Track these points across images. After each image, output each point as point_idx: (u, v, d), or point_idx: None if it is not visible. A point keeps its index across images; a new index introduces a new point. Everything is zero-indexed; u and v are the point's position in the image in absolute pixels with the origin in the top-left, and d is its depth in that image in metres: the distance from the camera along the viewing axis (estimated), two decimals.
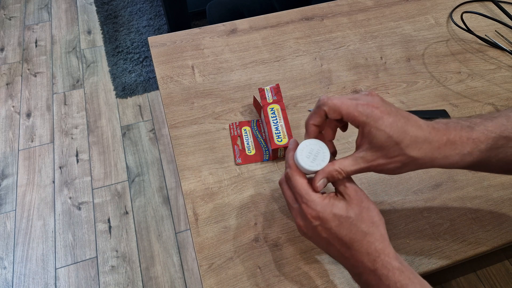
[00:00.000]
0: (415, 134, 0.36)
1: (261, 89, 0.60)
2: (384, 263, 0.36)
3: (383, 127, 0.36)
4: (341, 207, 0.38)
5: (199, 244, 0.50)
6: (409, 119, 0.37)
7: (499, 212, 0.53)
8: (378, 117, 0.36)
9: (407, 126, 0.36)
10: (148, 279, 1.23)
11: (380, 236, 0.37)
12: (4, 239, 1.31)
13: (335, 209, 0.38)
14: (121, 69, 1.77)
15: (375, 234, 0.37)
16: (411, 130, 0.36)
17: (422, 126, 0.37)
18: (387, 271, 0.36)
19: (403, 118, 0.36)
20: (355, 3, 0.80)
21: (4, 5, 2.07)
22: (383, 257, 0.36)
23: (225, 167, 0.57)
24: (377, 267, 0.36)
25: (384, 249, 0.36)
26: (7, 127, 1.58)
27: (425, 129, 0.37)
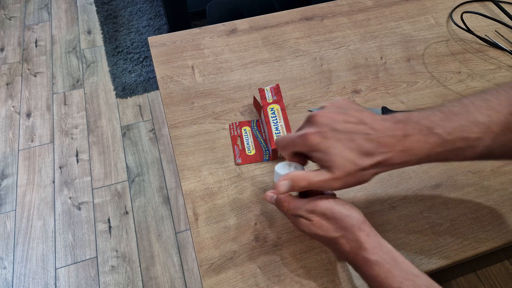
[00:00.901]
0: (363, 149, 0.36)
1: (261, 89, 0.61)
2: (363, 260, 0.38)
3: (324, 153, 0.37)
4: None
5: (199, 244, 0.50)
6: (355, 134, 0.37)
7: (499, 212, 0.53)
8: (314, 145, 0.38)
9: (352, 144, 0.37)
10: (148, 279, 1.23)
11: (353, 236, 0.39)
12: (4, 239, 1.31)
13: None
14: (121, 69, 1.77)
15: (347, 236, 0.39)
16: (359, 146, 0.36)
17: (372, 138, 0.36)
18: (366, 268, 0.38)
19: (346, 136, 0.37)
20: (355, 3, 0.80)
21: (4, 5, 2.07)
22: (361, 252, 0.38)
23: (225, 167, 0.57)
24: (357, 265, 0.39)
25: (360, 245, 0.38)
26: (7, 127, 1.58)
27: (374, 141, 0.36)
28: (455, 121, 0.36)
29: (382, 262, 0.37)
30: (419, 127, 0.36)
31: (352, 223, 0.39)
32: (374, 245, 0.38)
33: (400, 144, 0.36)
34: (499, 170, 0.57)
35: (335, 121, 0.38)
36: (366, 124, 0.37)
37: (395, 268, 0.36)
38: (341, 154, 0.37)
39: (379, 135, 0.36)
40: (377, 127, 0.37)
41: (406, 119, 0.37)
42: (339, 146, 0.37)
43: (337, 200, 0.41)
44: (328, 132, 0.37)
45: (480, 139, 0.36)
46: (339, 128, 0.37)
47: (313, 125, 0.39)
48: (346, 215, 0.39)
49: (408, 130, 0.36)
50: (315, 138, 0.38)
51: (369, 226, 0.39)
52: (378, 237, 0.39)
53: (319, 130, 0.38)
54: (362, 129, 0.37)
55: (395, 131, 0.36)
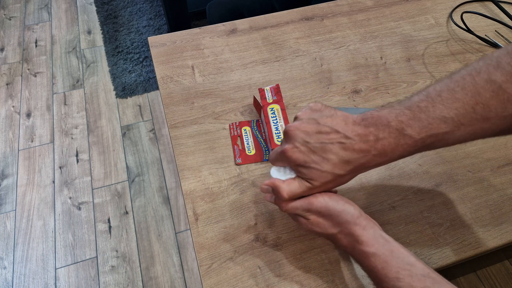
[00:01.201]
0: (339, 159, 0.38)
1: (261, 89, 0.60)
2: (360, 253, 0.39)
3: (303, 167, 0.39)
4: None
5: (199, 244, 0.50)
6: (329, 145, 0.38)
7: (499, 212, 0.53)
8: (294, 161, 0.39)
9: (327, 155, 0.38)
10: (148, 279, 1.23)
11: (349, 231, 0.40)
12: (4, 239, 1.31)
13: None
14: (121, 69, 1.77)
15: (343, 231, 0.40)
16: (334, 155, 0.38)
17: (347, 147, 0.38)
18: (363, 260, 0.39)
19: (320, 147, 0.38)
20: (355, 3, 0.80)
21: (4, 5, 2.07)
22: (357, 246, 0.39)
23: (225, 167, 0.57)
24: (356, 258, 0.40)
25: (357, 239, 0.39)
26: (7, 127, 1.58)
27: (349, 149, 0.37)
28: (422, 119, 0.36)
29: (379, 254, 0.37)
30: (389, 130, 0.37)
31: (347, 219, 0.40)
32: (370, 238, 0.39)
33: (373, 149, 0.37)
34: (499, 170, 0.57)
35: (308, 134, 0.39)
36: (338, 132, 0.38)
37: (391, 259, 0.37)
38: (319, 167, 0.38)
39: (353, 142, 0.37)
40: (349, 135, 0.38)
41: (376, 122, 0.37)
42: (316, 159, 0.38)
43: (332, 196, 0.41)
44: (303, 147, 0.39)
45: (449, 133, 0.36)
46: (312, 142, 0.38)
47: (289, 139, 0.40)
48: (340, 211, 0.40)
49: (379, 135, 0.37)
50: (292, 154, 0.39)
51: (366, 219, 0.40)
52: (374, 229, 0.39)
53: (294, 145, 0.39)
54: (335, 138, 0.38)
55: (368, 136, 0.37)
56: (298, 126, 0.40)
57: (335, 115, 0.39)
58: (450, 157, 0.58)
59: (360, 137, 0.37)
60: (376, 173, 0.56)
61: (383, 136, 0.37)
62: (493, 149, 0.59)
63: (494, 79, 0.34)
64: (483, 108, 0.35)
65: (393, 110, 0.38)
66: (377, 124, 0.37)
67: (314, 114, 0.41)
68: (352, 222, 0.40)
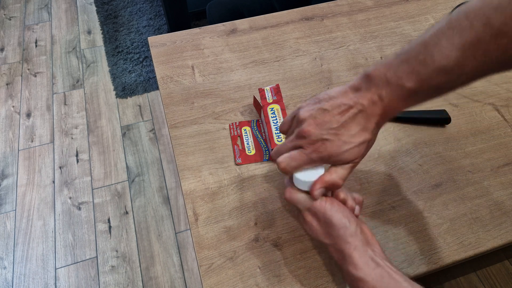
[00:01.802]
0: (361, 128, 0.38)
1: (261, 89, 0.60)
2: (348, 274, 0.38)
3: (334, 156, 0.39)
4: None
5: (199, 244, 0.50)
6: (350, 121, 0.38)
7: (499, 212, 0.53)
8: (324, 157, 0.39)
9: (350, 131, 0.38)
10: (148, 279, 1.23)
11: (339, 247, 0.39)
12: (4, 239, 1.31)
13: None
14: (121, 69, 1.77)
15: (334, 246, 0.40)
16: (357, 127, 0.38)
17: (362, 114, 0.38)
18: (350, 282, 0.38)
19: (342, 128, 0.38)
20: (355, 3, 0.80)
21: (4, 5, 2.07)
22: (346, 266, 0.38)
23: (225, 167, 0.57)
24: (344, 278, 0.39)
25: (345, 259, 0.38)
26: (7, 127, 1.58)
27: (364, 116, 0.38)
28: (421, 73, 0.35)
29: (367, 279, 0.36)
30: (390, 88, 0.36)
31: (339, 234, 0.39)
32: (359, 260, 0.37)
33: (383, 106, 0.37)
34: (499, 170, 0.57)
35: (327, 123, 0.38)
36: (351, 107, 0.38)
37: (380, 285, 0.35)
38: (353, 143, 0.38)
39: (365, 108, 0.38)
40: (359, 101, 0.38)
41: (377, 82, 0.37)
42: (347, 139, 0.38)
43: (334, 204, 0.40)
44: (331, 136, 0.38)
45: (451, 81, 0.35)
46: (335, 126, 0.38)
47: (314, 140, 0.39)
48: (335, 224, 0.39)
49: (382, 93, 0.37)
50: (327, 147, 0.38)
51: (360, 239, 0.38)
52: (366, 252, 0.38)
53: (323, 139, 0.38)
54: (351, 113, 0.38)
55: (373, 98, 0.37)
56: (311, 122, 0.39)
57: (332, 95, 0.40)
58: (450, 157, 0.58)
59: (367, 100, 0.37)
60: (376, 173, 0.56)
61: (386, 93, 0.37)
62: (493, 149, 0.59)
63: (493, 23, 0.32)
64: (484, 55, 0.33)
65: (391, 65, 0.37)
66: (377, 83, 0.37)
67: (315, 105, 0.40)
68: (343, 239, 0.38)
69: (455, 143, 0.60)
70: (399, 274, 0.36)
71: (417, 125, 0.62)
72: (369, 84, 0.38)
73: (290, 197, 0.42)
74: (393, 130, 0.61)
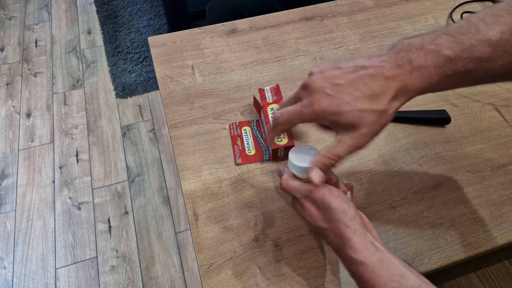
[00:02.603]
0: (374, 92, 0.34)
1: (261, 89, 0.61)
2: (347, 258, 0.37)
3: (337, 114, 0.35)
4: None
5: (199, 244, 0.50)
6: (359, 80, 0.34)
7: (499, 212, 0.53)
8: (324, 110, 0.35)
9: (360, 91, 0.34)
10: (148, 279, 1.23)
11: (339, 231, 0.38)
12: (4, 239, 1.31)
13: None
14: (121, 69, 1.76)
15: (333, 230, 0.38)
16: (368, 90, 0.34)
17: (377, 77, 0.34)
18: (350, 266, 0.37)
19: (351, 86, 0.34)
20: (355, 3, 0.80)
21: (4, 5, 2.07)
22: (345, 250, 0.37)
23: (225, 167, 0.57)
24: (344, 262, 0.38)
25: (345, 242, 0.37)
26: (7, 127, 1.58)
27: (381, 78, 0.34)
28: (464, 41, 0.32)
29: (367, 262, 0.35)
30: (425, 51, 0.33)
31: (339, 217, 0.38)
32: (359, 244, 0.36)
33: (408, 73, 0.33)
34: (499, 170, 0.57)
35: (334, 77, 0.35)
36: (366, 67, 0.35)
37: (380, 269, 0.35)
38: (355, 107, 0.34)
39: (383, 70, 0.34)
40: (378, 64, 0.34)
41: (407, 47, 0.34)
42: (349, 99, 0.34)
43: (332, 190, 0.39)
44: (332, 91, 0.35)
45: (492, 59, 0.33)
46: (341, 82, 0.35)
47: (313, 91, 0.36)
48: (334, 208, 0.38)
49: (413, 57, 0.33)
50: (322, 102, 0.35)
51: (359, 223, 0.38)
52: (365, 236, 0.37)
53: (322, 92, 0.35)
54: (364, 73, 0.34)
55: (398, 61, 0.34)
56: (320, 76, 0.36)
57: (354, 58, 0.36)
58: (450, 157, 0.58)
59: (390, 63, 0.34)
60: (376, 173, 0.56)
61: (417, 57, 0.33)
62: (493, 149, 0.59)
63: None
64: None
65: (427, 36, 0.34)
66: (408, 49, 0.34)
67: (331, 64, 0.37)
68: (343, 222, 0.37)
69: (455, 143, 0.60)
70: (398, 260, 0.36)
71: (417, 125, 0.62)
72: (399, 49, 0.34)
73: (286, 185, 0.41)
74: (393, 130, 0.61)
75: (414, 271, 0.35)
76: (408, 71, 0.33)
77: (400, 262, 0.36)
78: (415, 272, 0.35)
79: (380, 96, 0.34)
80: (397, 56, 0.34)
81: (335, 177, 0.42)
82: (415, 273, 0.35)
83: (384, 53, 0.35)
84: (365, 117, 0.35)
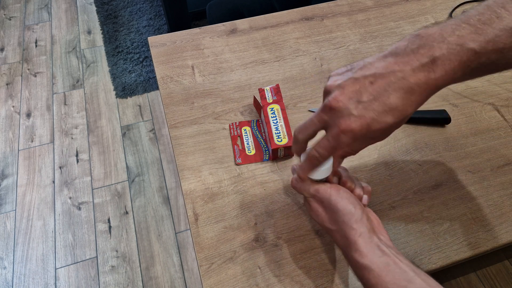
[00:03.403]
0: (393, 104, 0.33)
1: (261, 89, 0.60)
2: (353, 261, 0.37)
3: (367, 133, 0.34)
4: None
5: (199, 244, 0.50)
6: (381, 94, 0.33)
7: (499, 212, 0.53)
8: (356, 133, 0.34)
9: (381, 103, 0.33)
10: (148, 279, 1.23)
11: (345, 234, 0.37)
12: (4, 239, 1.31)
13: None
14: (121, 69, 1.76)
15: (340, 232, 0.38)
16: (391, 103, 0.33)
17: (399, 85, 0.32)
18: (356, 269, 0.36)
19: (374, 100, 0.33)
20: (355, 3, 0.80)
21: (4, 5, 2.07)
22: (351, 253, 0.37)
23: (225, 167, 0.57)
24: (349, 263, 0.38)
25: (350, 245, 0.37)
26: (7, 127, 1.58)
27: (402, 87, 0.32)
28: (487, 32, 0.31)
29: (372, 267, 0.35)
30: (448, 46, 0.31)
31: (344, 220, 0.37)
32: (364, 247, 0.36)
33: (431, 73, 0.31)
34: (499, 170, 0.57)
35: (356, 93, 0.33)
36: (384, 76, 0.33)
37: (386, 274, 0.34)
38: (384, 124, 0.33)
39: (405, 76, 0.32)
40: (398, 68, 0.32)
41: (427, 41, 0.32)
42: (376, 116, 0.33)
43: (340, 191, 0.39)
44: (357, 111, 0.33)
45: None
46: (364, 99, 0.33)
47: (339, 116, 0.34)
48: (341, 210, 0.38)
49: (435, 53, 0.31)
50: (352, 125, 0.33)
51: (365, 226, 0.37)
52: (371, 239, 0.36)
53: (349, 115, 0.33)
54: (384, 83, 0.32)
55: (420, 60, 0.31)
56: (339, 92, 0.34)
57: (368, 61, 0.34)
58: (450, 157, 0.58)
59: (410, 64, 0.32)
60: (376, 173, 0.56)
61: (440, 53, 0.31)
62: (493, 149, 0.59)
63: None
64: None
65: (446, 26, 0.32)
66: (428, 43, 0.31)
67: (345, 75, 0.35)
68: (349, 225, 0.37)
69: (455, 143, 0.60)
70: (405, 263, 0.35)
71: (417, 125, 0.62)
72: (418, 44, 0.32)
73: (295, 183, 0.41)
74: None
75: (422, 274, 0.34)
76: (431, 71, 0.31)
77: (408, 266, 0.35)
78: (423, 274, 0.34)
79: (405, 105, 0.32)
80: (417, 54, 0.32)
81: (350, 182, 0.42)
82: (422, 276, 0.34)
83: (402, 51, 0.33)
84: (393, 128, 0.34)
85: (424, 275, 0.34)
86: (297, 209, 0.53)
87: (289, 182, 0.55)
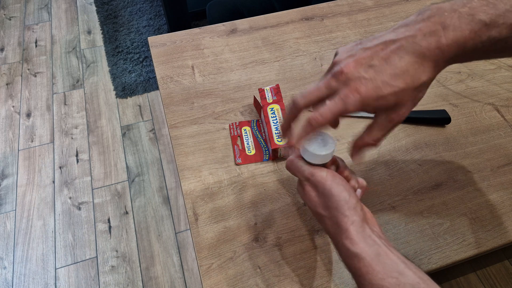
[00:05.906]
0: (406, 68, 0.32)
1: (261, 89, 0.60)
2: (344, 249, 0.36)
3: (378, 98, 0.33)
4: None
5: (199, 244, 0.50)
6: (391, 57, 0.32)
7: (499, 212, 0.53)
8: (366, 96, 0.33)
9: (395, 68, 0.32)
10: (148, 279, 1.23)
11: (336, 220, 0.36)
12: (4, 239, 1.31)
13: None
14: (121, 69, 1.77)
15: (331, 218, 0.37)
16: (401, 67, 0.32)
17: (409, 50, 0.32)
18: (346, 258, 0.35)
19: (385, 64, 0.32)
20: (355, 3, 0.80)
21: (4, 5, 2.07)
22: (342, 240, 0.36)
23: (225, 167, 0.57)
24: (340, 254, 0.37)
25: (342, 232, 0.36)
26: (7, 127, 1.58)
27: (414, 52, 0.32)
28: (498, 6, 0.31)
29: (363, 255, 0.34)
30: (459, 14, 0.31)
31: (337, 206, 0.36)
32: (356, 235, 0.35)
33: (442, 39, 0.31)
34: (499, 170, 0.57)
35: (367, 59, 0.33)
36: (395, 41, 0.32)
37: (376, 264, 0.33)
38: (396, 87, 0.32)
39: (416, 40, 0.32)
40: (409, 34, 0.32)
41: (438, 11, 0.32)
42: (388, 79, 0.32)
43: (336, 177, 0.38)
44: (368, 74, 0.33)
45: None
46: (375, 63, 0.33)
47: (349, 79, 0.33)
48: (333, 195, 0.37)
49: (446, 21, 0.31)
50: (362, 89, 0.32)
51: (358, 214, 0.36)
52: (364, 227, 0.35)
53: (360, 78, 0.33)
54: (395, 47, 0.32)
55: (431, 27, 0.31)
56: (350, 60, 0.33)
57: (378, 34, 0.34)
58: (450, 157, 0.58)
59: (422, 30, 0.32)
60: (376, 173, 0.56)
61: (450, 21, 0.31)
62: (493, 149, 0.59)
63: None
64: None
65: (457, 0, 0.32)
66: (439, 13, 0.31)
67: (355, 47, 0.35)
68: (341, 211, 0.36)
69: (455, 143, 0.60)
70: (396, 255, 0.34)
71: (417, 125, 0.62)
72: (428, 14, 0.32)
73: (290, 165, 0.40)
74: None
75: (412, 266, 0.34)
76: (442, 36, 0.31)
77: (399, 258, 0.34)
78: (414, 267, 0.34)
79: (417, 70, 0.32)
80: (427, 22, 0.32)
81: (348, 172, 0.41)
82: (413, 269, 0.33)
83: (412, 21, 0.33)
84: (406, 96, 0.33)
85: (415, 268, 0.34)
86: (297, 209, 0.53)
87: (289, 182, 0.55)
